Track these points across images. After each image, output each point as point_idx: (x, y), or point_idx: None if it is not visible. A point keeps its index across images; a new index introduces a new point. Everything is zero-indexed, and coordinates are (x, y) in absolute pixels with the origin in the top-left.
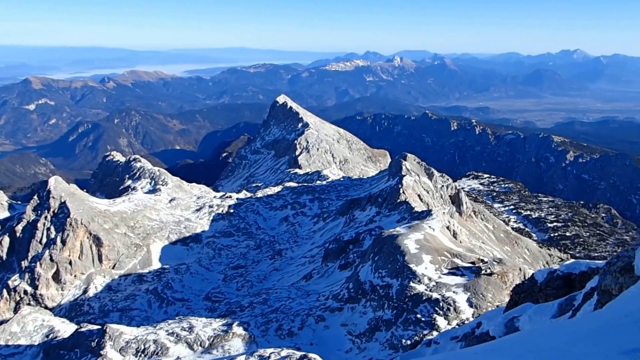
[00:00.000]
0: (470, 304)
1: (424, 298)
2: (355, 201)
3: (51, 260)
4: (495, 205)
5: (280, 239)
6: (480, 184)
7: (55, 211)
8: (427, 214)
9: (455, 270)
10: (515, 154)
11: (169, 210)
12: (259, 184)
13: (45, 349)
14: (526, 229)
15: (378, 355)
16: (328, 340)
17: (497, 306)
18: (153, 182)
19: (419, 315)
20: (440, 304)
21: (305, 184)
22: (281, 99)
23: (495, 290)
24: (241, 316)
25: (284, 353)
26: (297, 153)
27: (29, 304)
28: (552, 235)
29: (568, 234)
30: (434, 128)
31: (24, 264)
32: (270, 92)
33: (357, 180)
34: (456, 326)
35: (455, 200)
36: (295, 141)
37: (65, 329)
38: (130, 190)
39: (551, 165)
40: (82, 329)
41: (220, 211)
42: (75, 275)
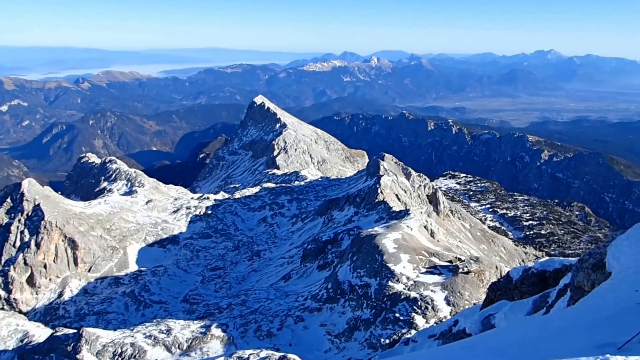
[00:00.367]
0: (448, 302)
1: (403, 297)
2: (334, 201)
3: (25, 263)
4: (472, 204)
5: (259, 240)
6: (457, 183)
7: (29, 214)
8: (405, 213)
9: (433, 269)
10: (491, 153)
11: (146, 212)
12: (237, 185)
13: (20, 354)
14: (502, 227)
15: (357, 354)
16: (307, 341)
17: (474, 304)
18: (129, 184)
19: (397, 314)
20: (419, 303)
21: (284, 185)
22: (259, 99)
23: (473, 289)
24: (220, 318)
25: (263, 354)
26: (275, 154)
27: (2, 309)
28: (528, 233)
29: (543, 232)
30: (411, 128)
31: None
32: (248, 93)
33: (335, 180)
34: (434, 324)
35: (433, 199)
36: (273, 142)
37: (40, 333)
38: (106, 192)
39: (526, 164)
40: (58, 333)
41: (197, 212)
42: (50, 279)
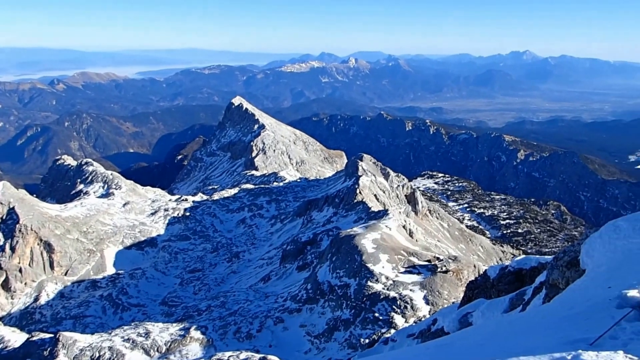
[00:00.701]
0: (426, 301)
1: (382, 297)
2: (313, 202)
3: (0, 268)
4: (450, 203)
5: (238, 242)
6: (435, 183)
7: (4, 217)
8: (384, 213)
9: (411, 269)
10: (469, 153)
11: (123, 214)
12: (215, 187)
13: None
14: (480, 226)
15: (337, 355)
16: (287, 342)
17: (453, 302)
18: (106, 186)
19: (377, 314)
20: (398, 302)
21: (262, 186)
22: (237, 100)
23: (451, 287)
24: (199, 320)
25: (243, 356)
26: (254, 155)
27: None
28: (505, 232)
29: (520, 230)
30: (389, 128)
31: None
32: (226, 94)
33: (314, 181)
34: (413, 324)
35: (411, 199)
36: (252, 143)
37: (15, 338)
38: (82, 194)
39: (503, 164)
40: (34, 338)
41: (176, 214)
42: (25, 283)
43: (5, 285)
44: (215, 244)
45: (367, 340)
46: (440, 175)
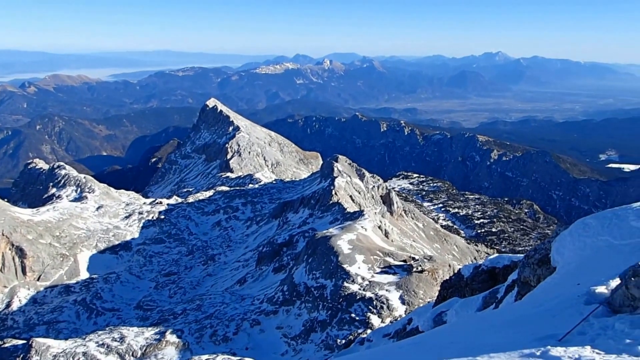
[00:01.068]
0: (402, 301)
1: (358, 297)
2: (288, 204)
3: None
4: (425, 204)
5: (213, 244)
6: (410, 183)
7: None
8: (359, 214)
9: (387, 269)
10: (443, 153)
11: (97, 218)
12: (190, 189)
13: None
14: (454, 226)
15: (313, 356)
16: (263, 344)
17: (429, 302)
18: (79, 190)
19: (353, 315)
20: (374, 303)
21: (238, 188)
22: (211, 102)
23: (427, 287)
24: (174, 323)
25: (219, 359)
26: (229, 157)
27: None
28: (479, 231)
29: (494, 229)
30: (364, 130)
31: None
32: (200, 96)
33: (290, 182)
34: (389, 323)
35: (386, 200)
36: (227, 145)
37: None
38: (54, 198)
39: (477, 164)
40: (6, 345)
41: (150, 218)
42: None
43: None
44: (191, 246)
45: (344, 341)
46: (415, 175)
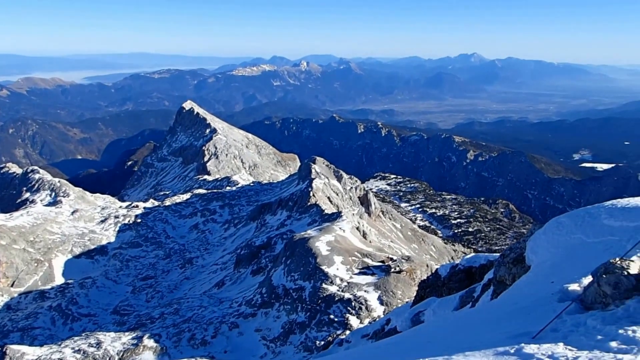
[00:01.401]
0: (381, 301)
1: (337, 299)
2: (266, 206)
3: None
4: (402, 204)
5: (191, 247)
6: (388, 184)
7: None
8: (337, 215)
9: (366, 270)
10: (420, 154)
11: (72, 222)
12: (167, 192)
13: None
14: (432, 226)
15: (292, 358)
16: (242, 347)
17: (407, 302)
18: (53, 194)
19: (332, 316)
20: (353, 304)
21: (215, 191)
22: (187, 104)
23: (405, 287)
24: (152, 328)
25: None
26: (206, 159)
27: None
28: (456, 231)
29: (471, 229)
30: (341, 131)
31: None
32: (176, 98)
33: (267, 184)
34: (368, 324)
35: (364, 201)
36: (204, 147)
37: None
38: (28, 203)
39: (453, 164)
40: None
41: (126, 221)
42: None
43: None
44: (168, 250)
45: (323, 342)
46: (392, 176)
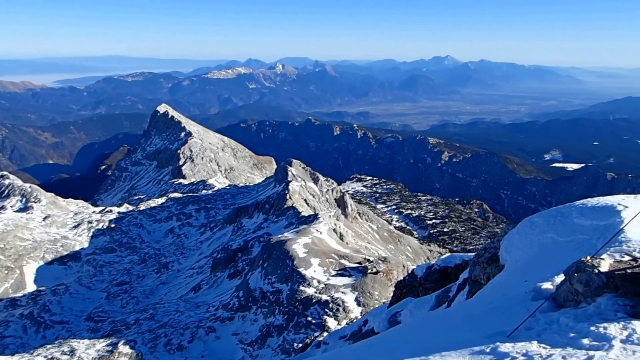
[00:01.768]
0: (358, 303)
1: (314, 301)
2: (243, 209)
3: None
4: (379, 206)
5: (166, 252)
6: (364, 186)
7: None
8: (314, 218)
9: (343, 271)
10: (395, 156)
11: (44, 228)
12: (142, 196)
13: None
14: (408, 227)
15: None
16: (220, 351)
17: (383, 303)
18: (24, 200)
19: (309, 318)
20: (330, 305)
21: (191, 194)
22: (162, 108)
23: (382, 288)
24: (127, 334)
25: None
26: (181, 163)
27: None
28: (432, 231)
29: (446, 229)
30: (317, 134)
31: None
32: (150, 102)
33: (244, 188)
34: (345, 325)
35: (341, 203)
36: (179, 151)
37: None
38: None
39: (428, 165)
40: None
41: (100, 226)
42: None
43: None
44: (143, 255)
45: (300, 345)
46: (368, 178)
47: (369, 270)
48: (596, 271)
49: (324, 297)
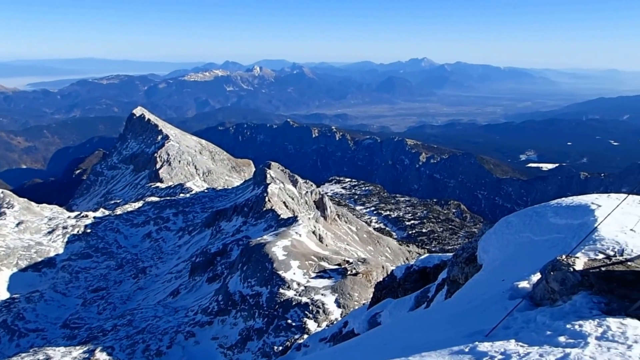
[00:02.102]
0: (338, 304)
1: (294, 303)
2: (221, 212)
3: None
4: (358, 207)
5: (144, 257)
6: (343, 188)
7: None
8: (293, 220)
9: (322, 273)
10: (374, 157)
11: (17, 234)
12: (118, 201)
13: None
14: (387, 228)
15: None
16: (199, 356)
17: (363, 304)
18: None
19: (289, 321)
20: (310, 308)
21: (168, 198)
22: (138, 111)
23: (361, 289)
24: (104, 341)
25: None
26: (158, 166)
27: None
28: (410, 232)
29: (424, 230)
30: (296, 136)
31: None
32: (126, 105)
33: (222, 191)
34: (325, 327)
35: (320, 205)
36: (155, 154)
37: None
38: None
39: (406, 166)
40: None
41: (75, 232)
42: None
43: None
44: (120, 260)
45: (281, 348)
46: (347, 180)
47: (349, 272)
48: (571, 269)
49: (304, 300)
